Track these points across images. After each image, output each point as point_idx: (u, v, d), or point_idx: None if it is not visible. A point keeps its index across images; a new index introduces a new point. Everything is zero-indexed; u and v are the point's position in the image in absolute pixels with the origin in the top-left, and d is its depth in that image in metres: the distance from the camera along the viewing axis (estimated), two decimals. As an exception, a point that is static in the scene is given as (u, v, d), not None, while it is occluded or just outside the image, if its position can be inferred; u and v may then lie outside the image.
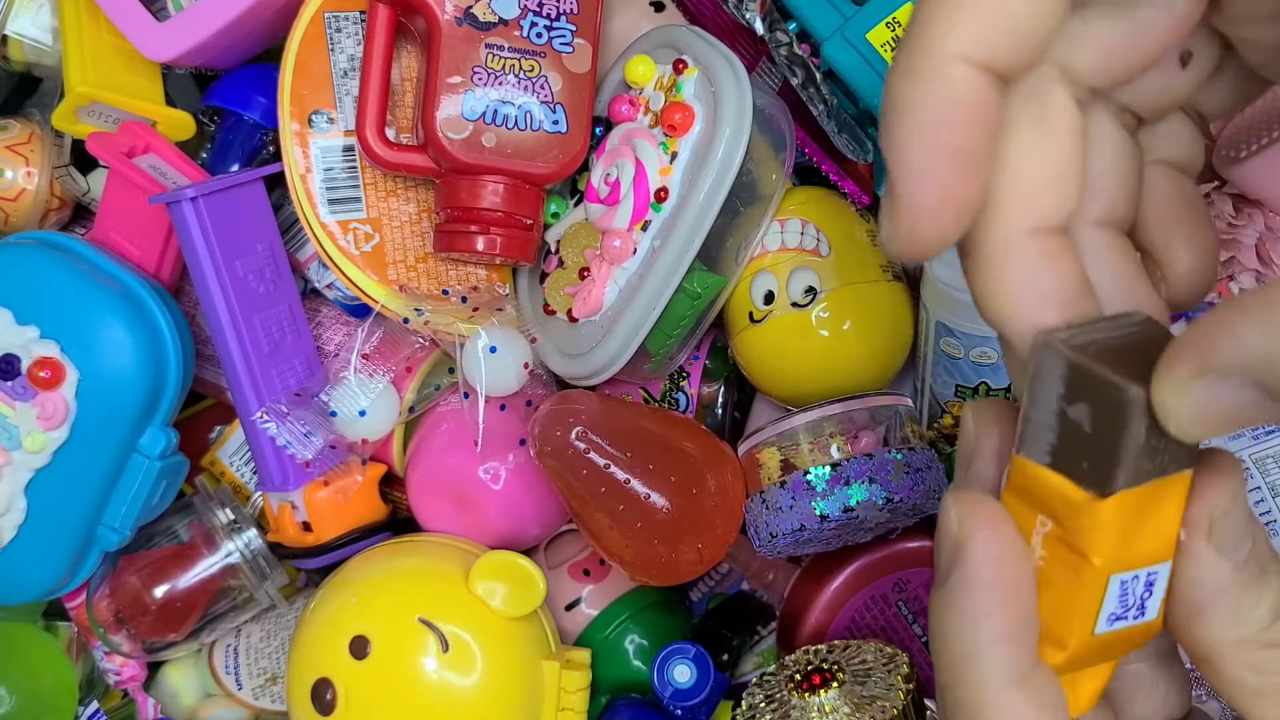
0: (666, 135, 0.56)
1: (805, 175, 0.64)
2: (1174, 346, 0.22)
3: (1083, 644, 0.25)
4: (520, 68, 0.57)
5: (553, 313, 0.61)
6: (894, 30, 0.54)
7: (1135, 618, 0.25)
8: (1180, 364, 0.21)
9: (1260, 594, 0.25)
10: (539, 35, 0.57)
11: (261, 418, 0.59)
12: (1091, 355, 0.23)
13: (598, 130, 0.60)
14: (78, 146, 0.65)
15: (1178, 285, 0.27)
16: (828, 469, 0.54)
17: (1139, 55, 0.25)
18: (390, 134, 0.59)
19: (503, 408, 0.60)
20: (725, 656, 0.63)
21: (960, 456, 0.28)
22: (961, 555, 0.25)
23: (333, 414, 0.59)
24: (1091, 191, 0.26)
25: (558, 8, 0.57)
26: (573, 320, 0.59)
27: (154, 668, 0.69)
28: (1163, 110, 0.27)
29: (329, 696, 0.56)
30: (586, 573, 0.65)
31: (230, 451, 0.69)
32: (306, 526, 0.62)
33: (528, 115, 0.57)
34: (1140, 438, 0.22)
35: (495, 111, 0.56)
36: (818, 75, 0.56)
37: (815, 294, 0.58)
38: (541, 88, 0.57)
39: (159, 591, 0.62)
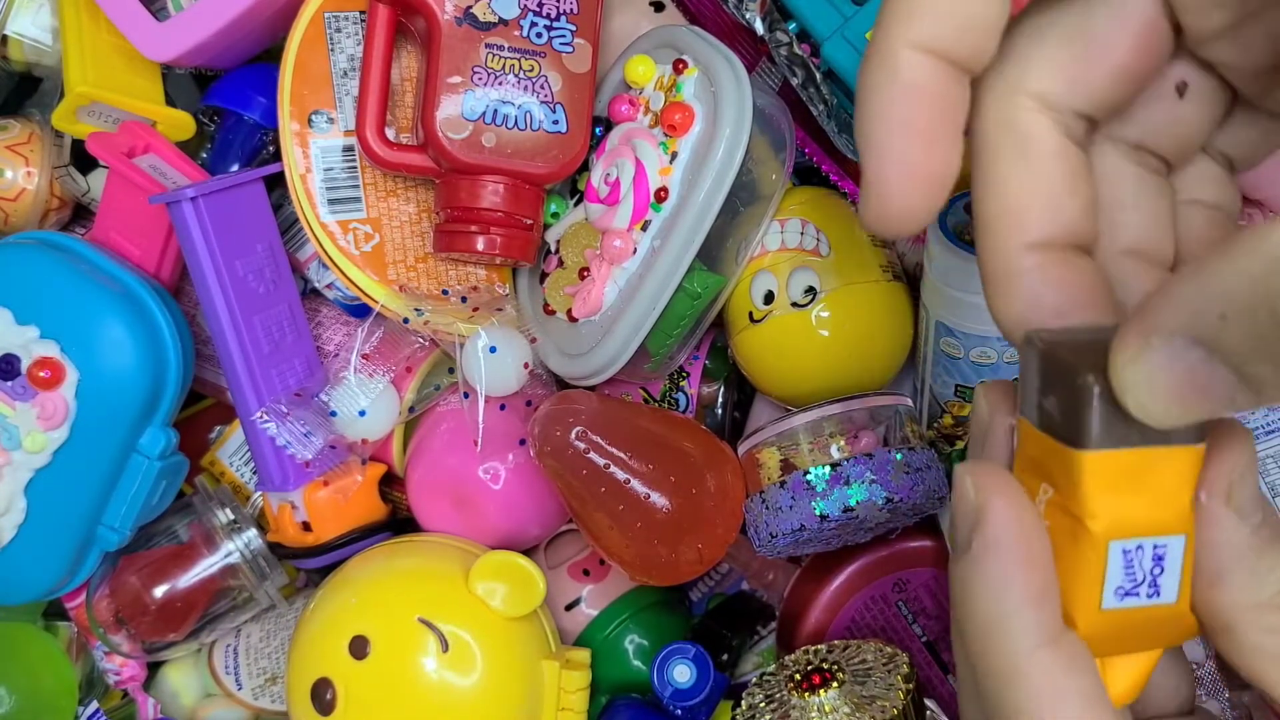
0: (666, 135, 0.56)
1: (805, 175, 0.64)
2: (1124, 325, 0.23)
3: (1092, 618, 0.25)
4: (520, 68, 0.57)
5: (553, 313, 0.61)
6: (894, 30, 0.54)
7: (1150, 596, 0.25)
8: (1128, 337, 0.22)
9: (1276, 558, 0.25)
10: (539, 35, 0.57)
11: (261, 418, 0.59)
12: (1059, 347, 0.24)
13: (598, 130, 0.60)
14: (78, 146, 0.65)
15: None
16: (828, 469, 0.54)
17: (1102, 77, 0.26)
18: (390, 134, 0.59)
19: (503, 408, 0.60)
20: (725, 656, 0.63)
21: (973, 435, 0.28)
22: (982, 521, 0.25)
23: (333, 414, 0.59)
24: (1114, 223, 0.28)
25: (558, 8, 0.57)
26: (573, 320, 0.59)
27: (154, 668, 0.69)
28: (1181, 150, 0.28)
29: (329, 696, 0.56)
30: (586, 573, 0.65)
31: (230, 451, 0.69)
32: (306, 526, 0.62)
33: (528, 115, 0.57)
34: (1097, 405, 0.23)
35: (495, 111, 0.56)
36: (818, 75, 0.56)
37: (815, 294, 0.58)
38: (541, 88, 0.57)
39: (159, 591, 0.62)
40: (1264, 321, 0.20)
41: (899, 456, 0.54)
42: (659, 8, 0.64)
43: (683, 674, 0.59)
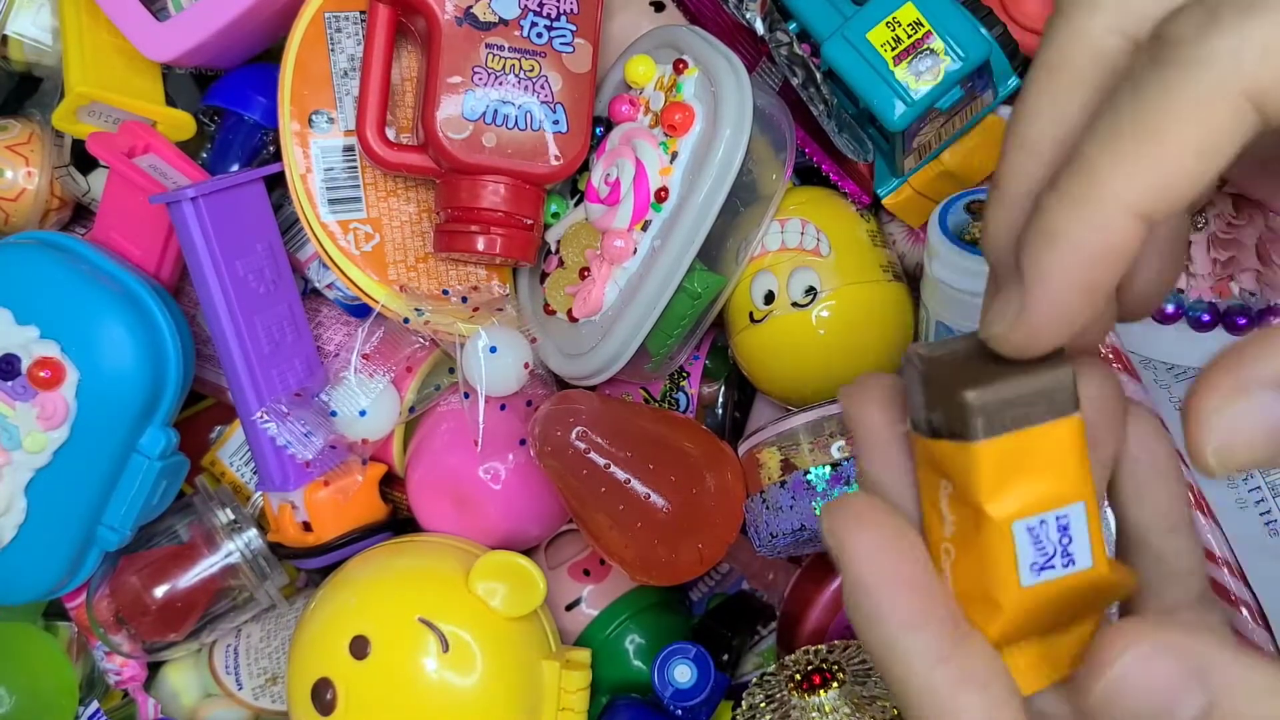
0: (666, 135, 0.56)
1: (805, 175, 0.64)
2: (1207, 372, 0.23)
3: (1016, 597, 0.26)
4: (520, 68, 0.57)
5: (553, 313, 0.61)
6: (894, 30, 0.54)
7: (1065, 566, 0.26)
8: (1218, 386, 0.23)
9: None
10: (539, 35, 0.57)
11: (261, 418, 0.59)
12: (935, 364, 0.26)
13: (598, 130, 0.60)
14: (78, 146, 0.65)
15: (1129, 299, 0.28)
16: (828, 469, 0.54)
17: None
18: (390, 134, 0.59)
19: (503, 408, 0.60)
20: (725, 656, 0.63)
21: (860, 443, 0.29)
22: (840, 562, 0.26)
23: (333, 414, 0.59)
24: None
25: (558, 8, 0.57)
26: (573, 320, 0.59)
27: (154, 668, 0.69)
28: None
29: (329, 696, 0.56)
30: (586, 573, 0.65)
31: (230, 451, 0.69)
32: (306, 526, 0.62)
33: (528, 115, 0.57)
34: (976, 407, 0.25)
35: (495, 111, 0.56)
36: (818, 75, 0.56)
37: (815, 294, 0.58)
38: (542, 87, 0.57)
39: (159, 591, 0.62)
40: None
41: (899, 456, 0.54)
42: (659, 8, 0.64)
43: (683, 674, 0.59)
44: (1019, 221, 0.25)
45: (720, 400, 0.65)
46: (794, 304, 0.59)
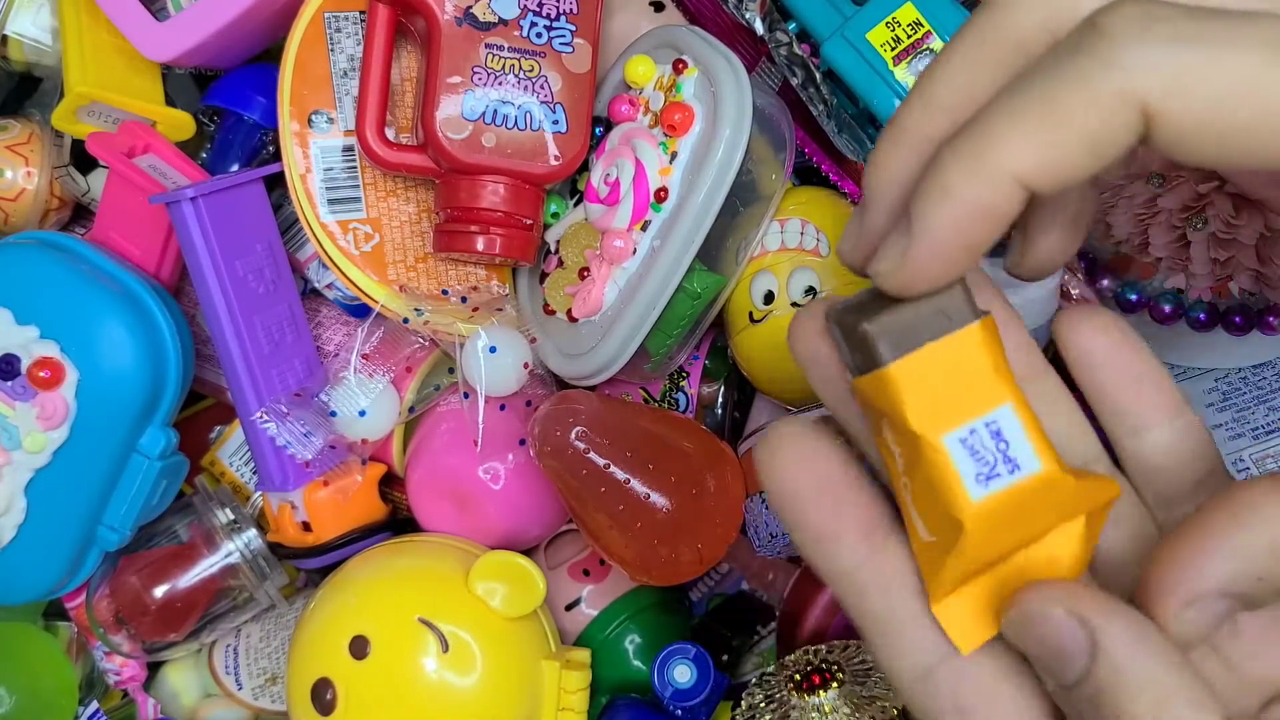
0: (666, 135, 0.56)
1: (805, 175, 0.64)
2: (1153, 581, 0.26)
3: (972, 515, 0.26)
4: (520, 68, 0.57)
5: (553, 313, 0.61)
6: (894, 30, 0.54)
7: (1012, 471, 0.26)
8: (1168, 601, 0.25)
9: None
10: (539, 35, 0.57)
11: (261, 418, 0.59)
12: (844, 313, 0.28)
13: (598, 130, 0.60)
14: (78, 146, 0.65)
15: (1026, 261, 0.30)
16: (828, 469, 0.54)
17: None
18: (390, 134, 0.59)
19: (503, 408, 0.60)
20: (725, 656, 0.63)
21: (815, 381, 0.31)
22: (761, 477, 0.29)
23: (333, 414, 0.59)
24: None
25: (557, 7, 0.57)
26: (573, 320, 0.59)
27: (154, 668, 0.69)
28: None
29: (329, 696, 0.56)
30: (586, 573, 0.65)
31: (230, 451, 0.69)
32: (306, 526, 0.62)
33: (528, 115, 0.57)
34: (879, 336, 0.26)
35: (495, 111, 0.56)
36: (818, 75, 0.56)
37: (815, 294, 0.58)
38: (541, 87, 0.57)
39: (159, 591, 0.62)
40: None
41: (899, 456, 0.54)
42: (659, 8, 0.64)
43: (683, 674, 0.59)
44: (907, 165, 0.27)
45: (720, 400, 0.65)
46: (794, 304, 0.59)
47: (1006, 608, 0.26)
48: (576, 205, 0.61)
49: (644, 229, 0.57)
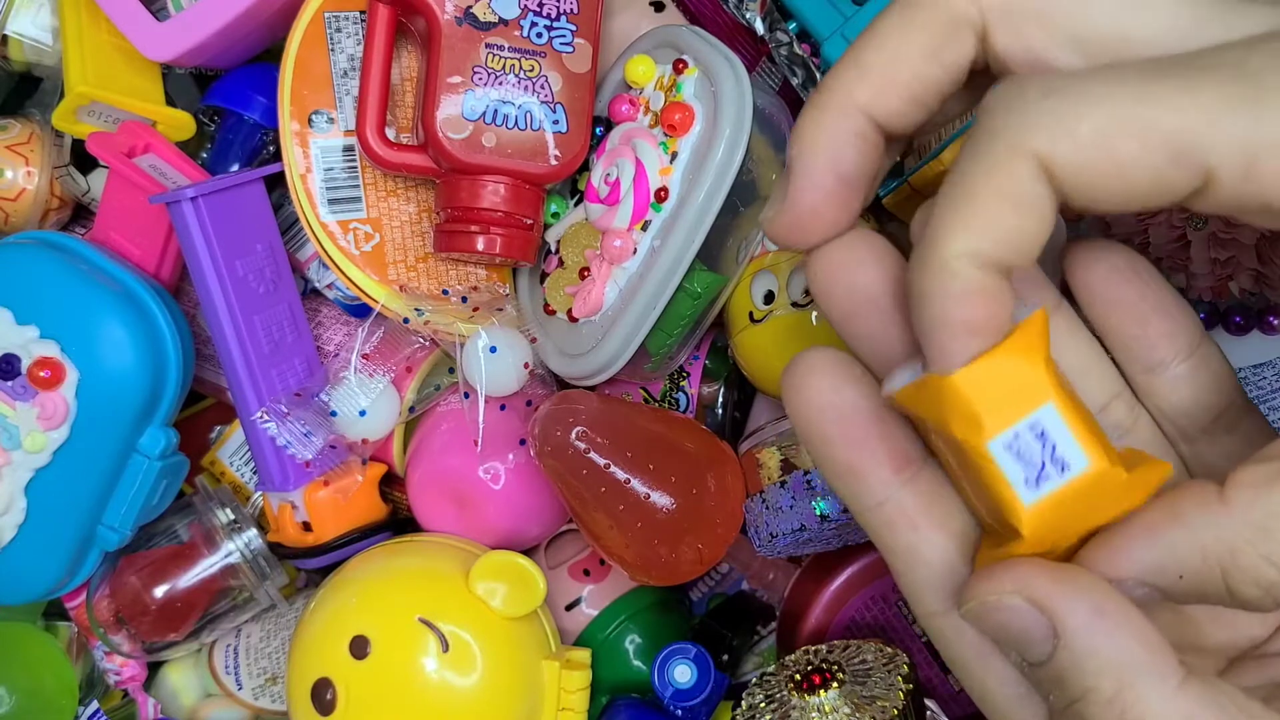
0: (666, 135, 0.56)
1: (805, 175, 0.63)
2: (1090, 556, 0.26)
3: (1029, 520, 0.26)
4: (520, 67, 0.57)
5: (553, 312, 0.61)
6: (894, 30, 0.54)
7: (1063, 471, 0.26)
8: (1096, 573, 0.26)
9: None
10: (539, 35, 0.57)
11: (261, 418, 0.59)
12: None
13: (598, 130, 0.60)
14: (78, 146, 0.65)
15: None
16: (828, 469, 0.54)
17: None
18: (390, 134, 0.59)
19: (503, 408, 0.60)
20: (725, 656, 0.63)
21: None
22: (787, 409, 0.30)
23: (333, 414, 0.59)
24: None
25: (558, 7, 0.57)
26: (573, 320, 0.59)
27: (154, 668, 0.69)
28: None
29: (329, 696, 0.56)
30: (586, 573, 0.65)
31: (230, 451, 0.69)
32: (306, 526, 0.62)
33: (528, 115, 0.57)
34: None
35: (495, 111, 0.56)
36: (818, 75, 0.56)
37: (815, 294, 0.58)
38: (542, 87, 0.57)
39: (159, 591, 0.62)
40: (1212, 581, 0.25)
41: (899, 456, 0.54)
42: (659, 8, 0.64)
43: (683, 674, 0.59)
44: (835, 131, 0.28)
45: (720, 400, 0.65)
46: (794, 304, 0.59)
47: (964, 592, 0.26)
48: (577, 205, 0.61)
49: (644, 229, 0.57)
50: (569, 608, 0.64)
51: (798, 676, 0.52)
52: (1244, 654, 0.30)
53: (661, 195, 0.56)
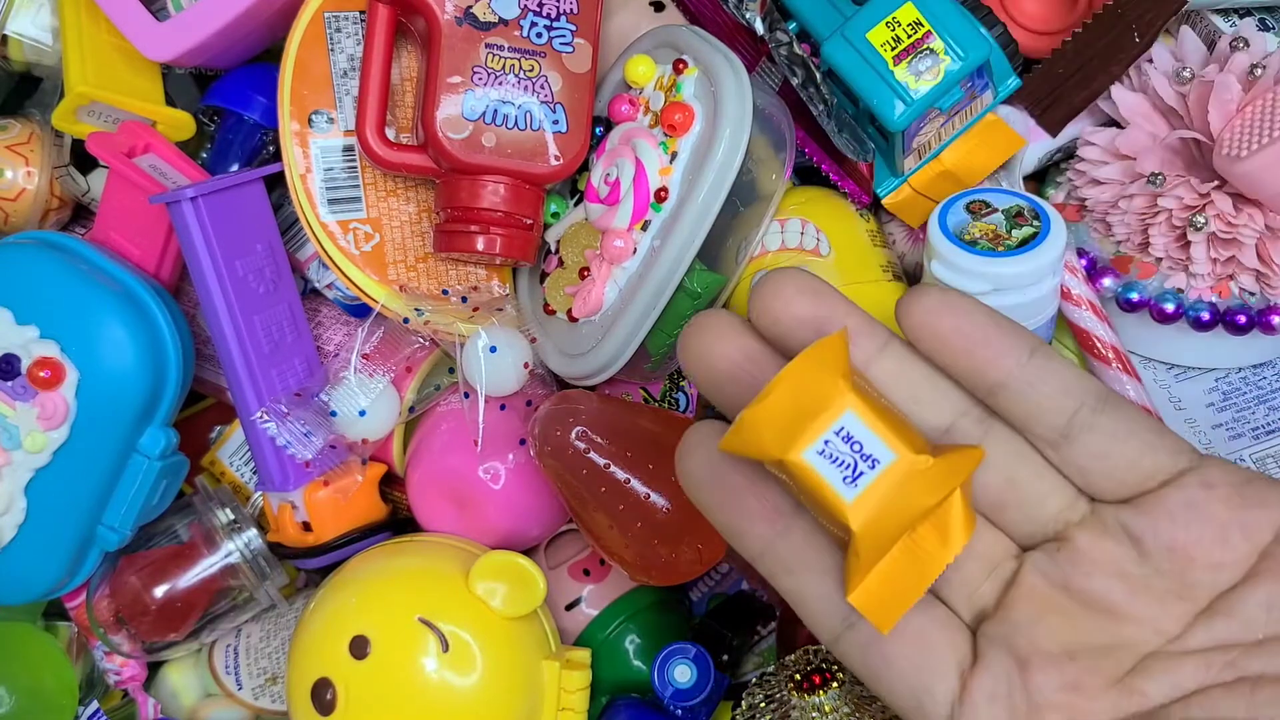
0: (666, 135, 0.56)
1: (805, 175, 0.64)
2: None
3: (855, 515, 0.29)
4: (520, 67, 0.57)
5: (553, 312, 0.61)
6: (894, 30, 0.54)
7: (874, 465, 0.29)
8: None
9: None
10: (539, 35, 0.57)
11: (261, 418, 0.59)
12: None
13: (598, 130, 0.60)
14: (78, 146, 0.65)
15: None
16: (828, 469, 0.54)
17: None
18: (390, 134, 0.59)
19: (503, 408, 0.60)
20: (725, 656, 0.63)
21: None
22: (683, 484, 0.34)
23: (333, 414, 0.59)
24: None
25: (558, 7, 0.57)
26: (573, 320, 0.59)
27: (154, 668, 0.69)
28: None
29: (329, 696, 0.56)
30: (586, 573, 0.65)
31: (230, 451, 0.69)
32: (306, 526, 0.62)
33: (528, 115, 0.57)
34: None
35: (495, 111, 0.56)
36: (818, 75, 0.56)
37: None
38: (541, 87, 0.57)
39: (159, 591, 0.62)
40: None
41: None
42: (659, 8, 0.64)
43: (683, 674, 0.59)
44: None
45: (720, 400, 0.65)
46: (794, 304, 0.58)
47: None
48: (576, 205, 0.61)
49: (644, 229, 0.57)
50: (569, 608, 0.64)
51: (798, 676, 0.52)
52: (1156, 652, 0.31)
53: (661, 195, 0.56)
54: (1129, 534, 0.31)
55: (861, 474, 0.29)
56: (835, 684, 0.51)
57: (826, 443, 0.29)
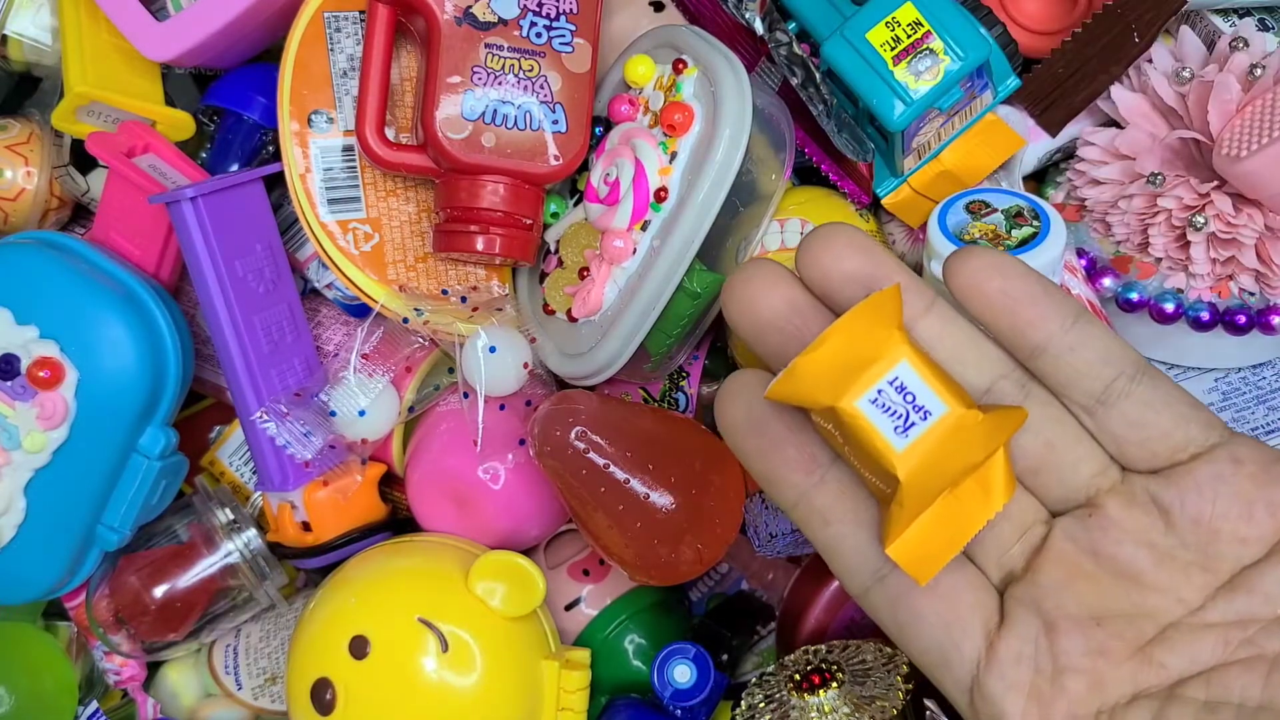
0: (666, 135, 0.56)
1: (805, 175, 0.64)
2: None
3: (903, 464, 0.30)
4: (520, 67, 0.57)
5: (552, 312, 0.61)
6: (893, 30, 0.54)
7: (925, 417, 0.30)
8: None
9: None
10: (538, 35, 0.57)
11: (261, 418, 0.59)
12: None
13: (597, 130, 0.60)
14: (78, 146, 0.65)
15: None
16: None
17: None
18: (390, 134, 0.59)
19: (502, 408, 0.60)
20: (725, 656, 0.63)
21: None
22: (720, 427, 0.35)
23: (332, 414, 0.59)
24: None
25: (557, 7, 0.57)
26: (572, 320, 0.59)
27: (154, 668, 0.69)
28: None
29: (329, 696, 0.56)
30: (586, 573, 0.65)
31: (230, 451, 0.69)
32: (306, 526, 0.62)
33: (527, 115, 0.57)
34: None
35: (495, 111, 0.56)
36: (818, 75, 0.56)
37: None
38: (541, 87, 0.57)
39: (158, 591, 0.62)
40: None
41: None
42: (659, 8, 0.64)
43: (683, 674, 0.59)
44: None
45: (720, 400, 0.65)
46: (793, 304, 0.58)
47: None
48: (576, 205, 0.61)
49: (644, 229, 0.57)
50: (569, 608, 0.64)
51: (797, 676, 0.52)
52: (1176, 623, 0.31)
53: (661, 195, 0.56)
54: (1157, 504, 0.31)
55: (913, 424, 0.29)
56: (835, 684, 0.51)
57: (880, 392, 0.29)
